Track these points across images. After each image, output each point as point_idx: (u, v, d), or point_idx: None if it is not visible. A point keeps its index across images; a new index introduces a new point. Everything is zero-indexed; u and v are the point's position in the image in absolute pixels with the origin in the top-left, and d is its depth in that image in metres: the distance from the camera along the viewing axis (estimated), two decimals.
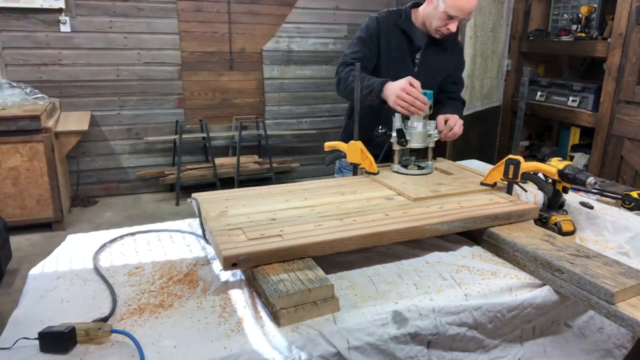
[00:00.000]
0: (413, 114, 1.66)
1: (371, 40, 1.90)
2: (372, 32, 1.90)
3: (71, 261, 1.31)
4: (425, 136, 1.73)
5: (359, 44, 1.92)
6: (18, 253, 3.31)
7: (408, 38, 1.92)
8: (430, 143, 1.75)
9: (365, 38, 1.91)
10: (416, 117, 1.69)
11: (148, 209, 4.34)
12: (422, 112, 1.66)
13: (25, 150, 3.49)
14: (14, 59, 4.09)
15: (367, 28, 1.92)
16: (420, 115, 1.68)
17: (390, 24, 1.91)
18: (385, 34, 1.90)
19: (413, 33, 1.92)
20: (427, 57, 1.95)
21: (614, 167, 3.13)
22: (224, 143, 4.92)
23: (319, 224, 1.27)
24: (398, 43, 1.92)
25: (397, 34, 1.91)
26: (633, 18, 2.90)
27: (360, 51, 1.90)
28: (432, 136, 1.74)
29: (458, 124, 1.79)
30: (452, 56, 2.02)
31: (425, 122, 1.72)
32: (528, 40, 3.88)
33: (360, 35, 1.93)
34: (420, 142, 1.73)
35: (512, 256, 1.29)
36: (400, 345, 1.05)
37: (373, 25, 1.91)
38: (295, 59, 4.92)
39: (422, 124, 1.71)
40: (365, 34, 1.91)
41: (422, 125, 1.71)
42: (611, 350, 1.30)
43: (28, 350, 0.93)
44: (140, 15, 4.34)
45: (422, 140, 1.73)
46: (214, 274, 1.23)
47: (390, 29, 1.91)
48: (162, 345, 0.94)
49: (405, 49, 1.93)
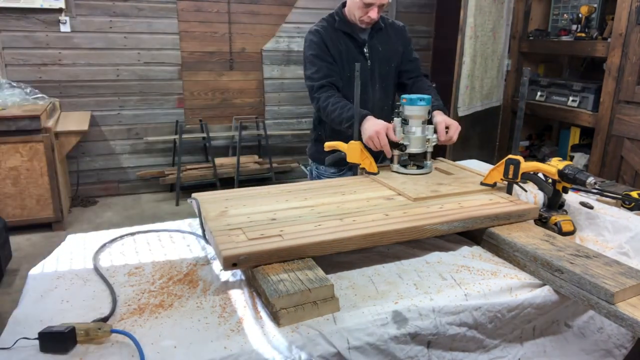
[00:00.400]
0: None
1: (324, 52, 1.93)
2: (320, 45, 1.93)
3: (71, 261, 1.31)
4: (424, 141, 1.73)
5: (316, 62, 1.92)
6: (18, 253, 3.31)
7: (350, 37, 1.96)
8: (428, 148, 1.75)
9: (317, 54, 1.93)
10: (415, 122, 1.70)
11: (148, 209, 4.34)
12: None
13: (25, 150, 3.49)
14: (14, 59, 4.09)
15: (313, 43, 1.94)
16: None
17: (330, 31, 1.96)
18: (330, 41, 1.94)
19: (353, 30, 1.96)
20: (374, 47, 2.00)
21: (614, 167, 3.13)
22: (224, 143, 4.92)
23: (319, 224, 1.27)
24: (345, 45, 1.96)
25: (340, 37, 1.96)
26: (633, 18, 2.90)
27: (321, 68, 1.91)
28: (431, 140, 1.74)
29: (456, 131, 1.77)
30: (396, 38, 2.06)
31: (424, 127, 1.72)
32: (528, 40, 3.88)
33: (311, 53, 1.94)
34: (419, 147, 1.72)
35: (512, 256, 1.29)
36: (400, 345, 1.05)
37: (317, 39, 1.94)
38: (295, 59, 4.92)
39: (421, 129, 1.71)
40: (316, 50, 1.93)
41: (421, 130, 1.71)
42: (611, 350, 1.30)
43: (28, 350, 0.93)
44: (140, 15, 4.34)
45: (420, 145, 1.72)
46: (214, 274, 1.23)
47: (332, 35, 1.95)
48: (162, 345, 0.94)
49: (352, 47, 1.97)
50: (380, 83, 2.04)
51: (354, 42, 1.97)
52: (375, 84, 2.03)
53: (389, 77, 2.07)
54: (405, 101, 1.69)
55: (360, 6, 1.86)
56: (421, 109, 1.69)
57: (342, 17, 1.97)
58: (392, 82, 2.09)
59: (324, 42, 1.93)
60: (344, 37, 1.96)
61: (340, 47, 1.95)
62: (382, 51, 2.01)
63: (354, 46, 1.97)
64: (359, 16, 1.89)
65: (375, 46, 2.00)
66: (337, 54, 1.94)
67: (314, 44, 1.94)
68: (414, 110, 1.69)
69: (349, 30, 1.96)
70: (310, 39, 1.96)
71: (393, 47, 2.04)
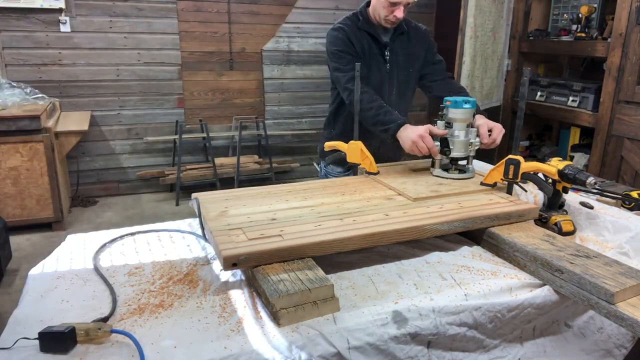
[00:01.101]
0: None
1: (350, 47, 1.91)
2: (345, 40, 1.91)
3: (71, 261, 1.31)
4: (467, 145, 1.68)
5: (343, 56, 1.90)
6: (18, 253, 3.31)
7: (373, 38, 1.95)
8: (471, 152, 1.71)
9: (343, 49, 1.91)
10: (459, 125, 1.66)
11: (148, 209, 4.34)
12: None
13: (25, 150, 3.49)
14: (14, 59, 4.09)
15: (338, 39, 1.92)
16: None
17: (354, 29, 1.94)
18: (354, 39, 1.92)
19: (376, 32, 1.95)
20: (395, 51, 1.98)
21: (614, 167, 3.13)
22: (224, 143, 4.92)
23: (319, 224, 1.27)
24: (367, 45, 1.94)
25: (364, 37, 1.94)
26: (633, 18, 2.90)
27: (350, 61, 1.87)
28: (474, 144, 1.69)
29: (500, 133, 1.73)
30: (417, 42, 2.04)
31: (468, 131, 1.67)
32: (528, 40, 3.88)
33: (336, 49, 1.91)
34: (462, 151, 1.68)
35: (512, 256, 1.29)
36: (400, 345, 1.05)
37: (341, 35, 1.92)
38: (295, 59, 4.92)
39: (465, 132, 1.66)
40: (341, 46, 1.91)
41: (465, 134, 1.66)
42: (611, 350, 1.30)
43: (28, 350, 0.93)
44: (140, 15, 4.34)
45: (464, 149, 1.68)
46: (214, 274, 1.23)
47: (356, 33, 1.93)
48: (162, 345, 0.94)
49: (374, 49, 1.95)
50: (397, 87, 2.02)
51: (377, 43, 1.95)
52: (392, 88, 2.01)
53: (407, 83, 2.04)
54: (450, 104, 1.64)
55: (386, 5, 1.83)
56: (466, 112, 1.64)
57: (366, 16, 1.95)
58: (410, 87, 2.07)
59: (348, 39, 1.91)
60: (367, 37, 1.94)
61: (363, 46, 1.93)
62: (403, 56, 1.99)
63: (376, 47, 1.95)
64: (384, 15, 1.86)
65: (396, 50, 1.98)
66: (361, 52, 1.92)
67: (339, 39, 1.91)
68: (458, 114, 1.64)
69: (372, 31, 1.94)
70: (334, 35, 1.93)
71: (414, 51, 2.02)
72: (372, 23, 1.95)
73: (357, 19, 1.96)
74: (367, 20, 1.95)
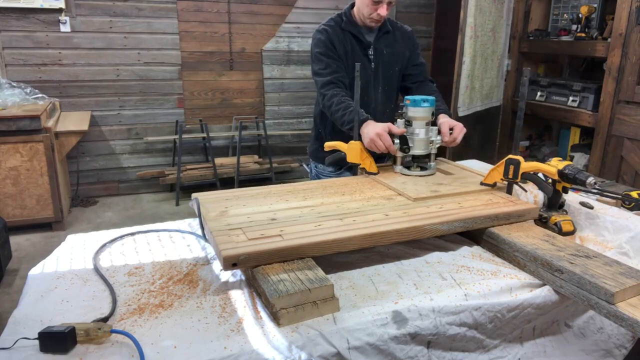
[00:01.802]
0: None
1: (331, 50, 1.93)
2: (327, 43, 1.93)
3: (71, 261, 1.31)
4: (428, 143, 1.72)
5: (323, 59, 1.92)
6: (18, 253, 3.31)
7: (356, 38, 1.96)
8: (432, 149, 1.74)
9: (324, 51, 1.93)
10: (419, 124, 1.69)
11: (148, 209, 4.34)
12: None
13: (25, 150, 3.49)
14: (14, 59, 4.09)
15: (320, 41, 1.94)
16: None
17: (337, 30, 1.96)
18: (337, 41, 1.94)
19: (359, 32, 1.96)
20: (379, 50, 2.00)
21: (614, 167, 3.13)
22: (224, 143, 4.92)
23: (319, 224, 1.27)
24: (350, 46, 1.96)
25: (347, 38, 1.96)
26: (633, 18, 2.90)
27: (329, 65, 1.91)
28: (434, 142, 1.73)
29: (461, 132, 1.76)
30: (402, 42, 2.06)
31: (428, 129, 1.71)
32: (528, 40, 3.88)
33: (318, 51, 1.94)
34: (422, 148, 1.71)
35: (512, 256, 1.29)
36: (400, 345, 1.05)
37: (324, 37, 1.94)
38: (295, 59, 4.92)
39: (425, 130, 1.70)
40: (323, 48, 1.93)
41: (425, 132, 1.70)
42: (611, 350, 1.30)
43: (28, 350, 0.93)
44: (140, 15, 4.34)
45: (424, 147, 1.72)
46: (214, 274, 1.23)
47: (339, 35, 1.95)
48: (162, 345, 0.94)
49: (358, 49, 1.97)
50: (383, 86, 2.04)
51: (360, 43, 1.97)
52: (378, 86, 2.03)
53: (392, 81, 2.06)
54: (409, 102, 1.68)
55: (369, 4, 1.86)
56: (425, 110, 1.67)
57: (350, 17, 1.98)
58: (395, 86, 2.09)
59: (330, 41, 1.93)
60: (350, 37, 1.96)
61: (346, 47, 1.95)
62: (387, 54, 2.01)
63: (359, 48, 1.97)
64: (368, 14, 1.89)
65: (380, 49, 2.00)
66: (343, 54, 1.95)
67: (321, 42, 1.94)
68: (417, 112, 1.68)
69: (355, 32, 1.96)
70: (317, 37, 1.96)
71: (399, 50, 2.04)
72: (355, 23, 1.97)
73: (341, 19, 1.98)
74: (351, 21, 1.97)
